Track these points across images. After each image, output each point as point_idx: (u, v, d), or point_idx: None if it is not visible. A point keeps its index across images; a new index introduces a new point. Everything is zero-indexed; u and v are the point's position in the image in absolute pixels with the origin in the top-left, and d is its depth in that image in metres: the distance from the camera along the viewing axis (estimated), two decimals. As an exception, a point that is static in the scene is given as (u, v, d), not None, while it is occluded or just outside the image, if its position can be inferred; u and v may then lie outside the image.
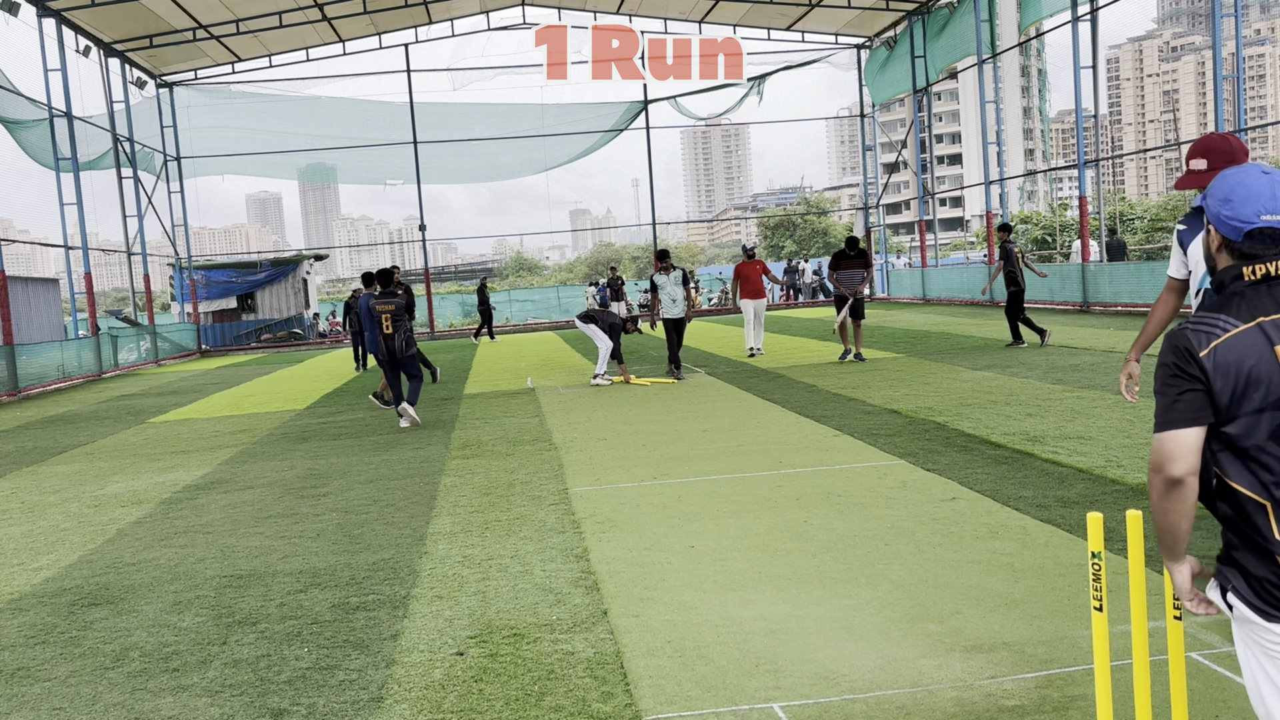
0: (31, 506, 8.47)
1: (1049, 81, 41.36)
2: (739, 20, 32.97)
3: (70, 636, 4.89)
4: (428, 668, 4.16)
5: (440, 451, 9.53)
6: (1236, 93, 18.91)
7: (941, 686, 3.64)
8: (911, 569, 4.98)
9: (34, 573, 6.19)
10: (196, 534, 6.91)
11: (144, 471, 9.78)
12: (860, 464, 7.62)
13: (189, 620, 5.00)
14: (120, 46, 28.06)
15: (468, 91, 33.51)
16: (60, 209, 24.07)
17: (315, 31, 30.82)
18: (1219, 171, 3.02)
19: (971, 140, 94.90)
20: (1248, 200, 2.20)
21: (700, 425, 10.03)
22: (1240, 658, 2.26)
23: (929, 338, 18.19)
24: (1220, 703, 3.36)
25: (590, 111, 34.62)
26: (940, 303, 30.25)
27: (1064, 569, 4.81)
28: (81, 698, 4.11)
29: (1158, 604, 4.10)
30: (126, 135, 28.59)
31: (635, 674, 3.93)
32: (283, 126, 32.77)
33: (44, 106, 23.84)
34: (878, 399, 10.89)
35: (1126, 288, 21.48)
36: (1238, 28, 18.76)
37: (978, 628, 4.16)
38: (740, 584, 4.94)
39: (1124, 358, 6.88)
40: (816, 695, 3.64)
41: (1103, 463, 6.96)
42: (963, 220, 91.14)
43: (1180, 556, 2.29)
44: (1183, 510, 2.19)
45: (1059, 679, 3.63)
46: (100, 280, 37.52)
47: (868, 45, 34.54)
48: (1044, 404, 9.69)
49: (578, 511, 6.70)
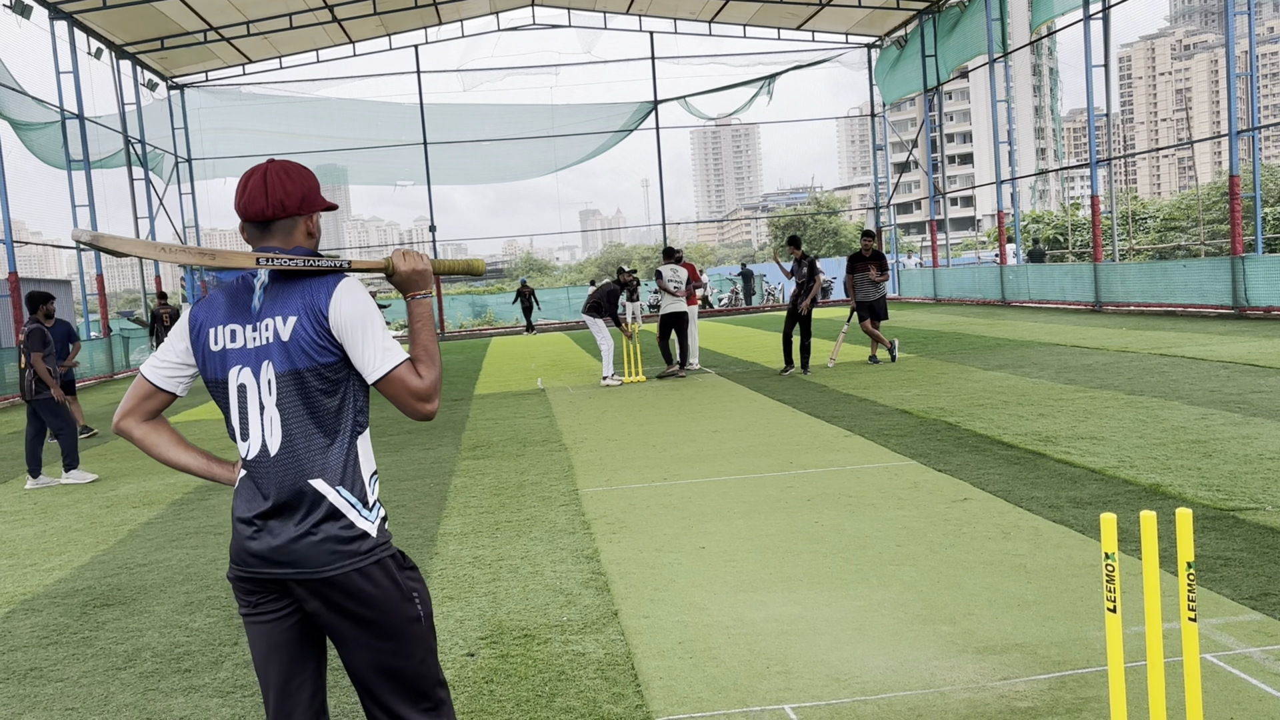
0: (44, 507, 8.51)
1: (1060, 80, 41.09)
2: (749, 20, 32.93)
3: (82, 637, 4.91)
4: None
5: (450, 452, 9.53)
6: (1250, 91, 18.81)
7: (954, 688, 3.62)
8: (923, 570, 4.96)
9: (46, 573, 6.22)
10: (208, 534, 6.92)
11: (154, 472, 9.80)
12: (871, 465, 7.60)
13: (201, 621, 5.01)
14: (131, 49, 28.17)
15: (477, 92, 33.59)
16: (72, 210, 24.18)
17: (325, 33, 30.89)
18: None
19: (983, 139, 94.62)
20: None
21: (710, 426, 10.02)
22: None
23: (940, 338, 18.13)
24: (1235, 705, 3.33)
25: (600, 112, 34.63)
26: (951, 302, 30.17)
27: (1077, 570, 4.78)
28: (94, 698, 4.12)
29: (1171, 605, 4.08)
30: (138, 137, 28.72)
31: (646, 675, 3.92)
32: (293, 128, 32.87)
33: (56, 109, 23.96)
34: (889, 399, 10.86)
35: (1139, 287, 21.39)
36: (1251, 25, 18.65)
37: (990, 629, 4.14)
38: (751, 585, 4.92)
39: (1140, 356, 6.84)
40: (828, 697, 3.62)
41: (1115, 463, 6.93)
42: (974, 220, 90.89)
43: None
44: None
45: (1072, 680, 3.61)
46: (112, 282, 37.69)
47: (878, 44, 34.46)
48: (1056, 404, 9.65)
49: (588, 512, 6.70)
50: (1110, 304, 22.26)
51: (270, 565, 2.28)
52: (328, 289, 2.29)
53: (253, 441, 2.32)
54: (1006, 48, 27.69)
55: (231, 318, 2.34)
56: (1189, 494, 5.96)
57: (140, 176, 28.95)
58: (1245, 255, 18.72)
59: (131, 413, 2.42)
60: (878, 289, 14.48)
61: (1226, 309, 18.69)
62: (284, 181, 2.36)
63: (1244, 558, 4.75)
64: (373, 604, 2.28)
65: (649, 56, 33.92)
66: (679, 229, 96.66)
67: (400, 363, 2.28)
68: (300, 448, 2.28)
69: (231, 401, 2.34)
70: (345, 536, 2.26)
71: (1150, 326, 17.41)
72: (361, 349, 2.27)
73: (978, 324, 20.96)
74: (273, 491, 2.28)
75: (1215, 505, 5.67)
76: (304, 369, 2.27)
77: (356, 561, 2.26)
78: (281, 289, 2.32)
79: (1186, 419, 8.38)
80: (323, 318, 2.27)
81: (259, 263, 2.28)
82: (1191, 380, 10.56)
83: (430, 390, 2.30)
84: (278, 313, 2.29)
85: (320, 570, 2.25)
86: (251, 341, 2.31)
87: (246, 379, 2.31)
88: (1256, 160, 19.42)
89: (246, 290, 2.36)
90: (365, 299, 2.29)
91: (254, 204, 2.36)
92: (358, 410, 2.35)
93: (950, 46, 29.98)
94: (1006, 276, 27.37)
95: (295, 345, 2.26)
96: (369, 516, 2.31)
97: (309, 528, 2.26)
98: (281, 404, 2.28)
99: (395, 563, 2.34)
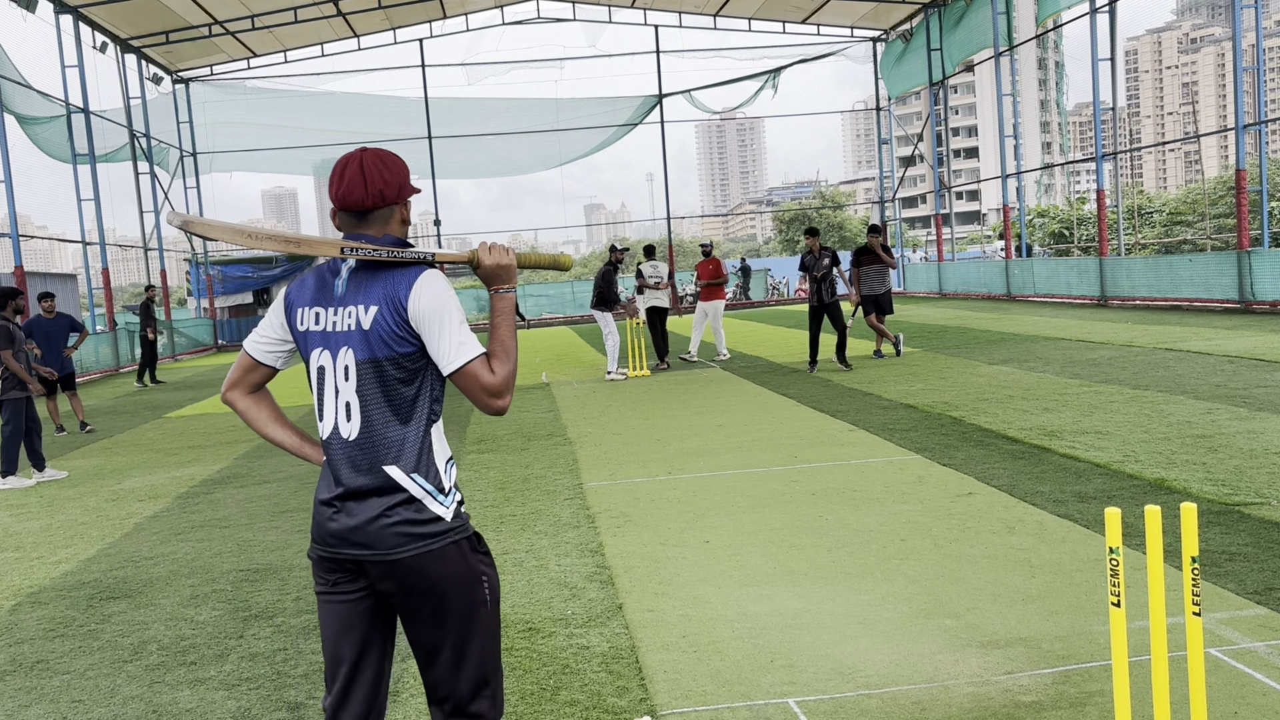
0: (50, 501, 8.53)
1: (1066, 74, 41.13)
2: (754, 13, 32.86)
3: (89, 630, 4.93)
4: (443, 662, 4.16)
5: (455, 446, 9.54)
6: (1257, 85, 18.75)
7: (958, 682, 3.62)
8: (927, 564, 4.96)
9: (53, 566, 6.24)
10: (213, 528, 6.94)
11: (161, 466, 9.83)
12: (876, 459, 7.60)
13: (206, 614, 5.03)
14: (137, 43, 28.19)
15: (482, 86, 33.63)
16: (78, 204, 24.22)
17: (330, 27, 30.88)
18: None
19: (988, 133, 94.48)
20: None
21: (715, 420, 10.02)
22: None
23: (945, 332, 18.11)
24: (1239, 699, 3.33)
25: (604, 106, 34.59)
26: (957, 297, 30.13)
27: (1081, 564, 4.78)
28: (100, 690, 4.14)
29: (1176, 600, 4.08)
30: (143, 131, 28.75)
31: (650, 669, 3.93)
32: (298, 122, 32.86)
33: (61, 103, 23.97)
34: (894, 394, 10.85)
35: (1144, 282, 21.34)
36: (1258, 18, 18.58)
37: (994, 623, 4.14)
38: (755, 579, 4.93)
39: (1143, 351, 6.83)
40: (832, 690, 3.62)
41: (1120, 457, 6.92)
42: (979, 214, 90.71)
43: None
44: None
45: (1076, 675, 3.61)
46: (118, 275, 37.73)
47: (884, 38, 34.38)
48: (1061, 399, 9.64)
49: (592, 506, 6.71)
50: (1116, 298, 22.21)
51: (346, 546, 2.34)
52: (409, 281, 2.33)
53: (326, 422, 2.40)
54: (1012, 41, 27.61)
55: (317, 300, 2.40)
56: (1194, 489, 5.95)
57: (145, 171, 28.99)
58: (1251, 249, 18.67)
59: (236, 385, 2.52)
60: (883, 283, 14.41)
61: (1232, 303, 18.64)
62: (381, 171, 2.40)
63: (1249, 552, 4.75)
64: (441, 586, 2.34)
65: (654, 50, 33.87)
66: (684, 223, 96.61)
67: (475, 357, 2.31)
68: (377, 434, 2.34)
69: (312, 381, 2.42)
70: (419, 520, 2.32)
71: (1156, 321, 17.37)
72: (438, 341, 2.31)
73: (983, 318, 20.93)
74: (350, 475, 2.34)
75: (1220, 500, 5.67)
76: (383, 358, 2.32)
77: (429, 544, 2.32)
78: (365, 277, 2.37)
79: (1192, 414, 8.37)
80: (402, 309, 2.31)
81: (344, 252, 2.33)
82: (1197, 375, 10.54)
83: (502, 386, 2.33)
84: (360, 301, 2.34)
85: (392, 552, 2.31)
86: (333, 326, 2.37)
87: (325, 361, 2.38)
88: (1263, 154, 19.36)
89: (333, 274, 2.42)
90: (445, 292, 2.33)
91: (352, 194, 2.39)
92: (434, 399, 2.41)
93: (956, 40, 29.90)
94: (1012, 271, 27.33)
95: (375, 335, 2.31)
96: (444, 501, 2.36)
97: (383, 511, 2.32)
98: (361, 391, 2.34)
99: (469, 545, 2.41)
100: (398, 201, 2.44)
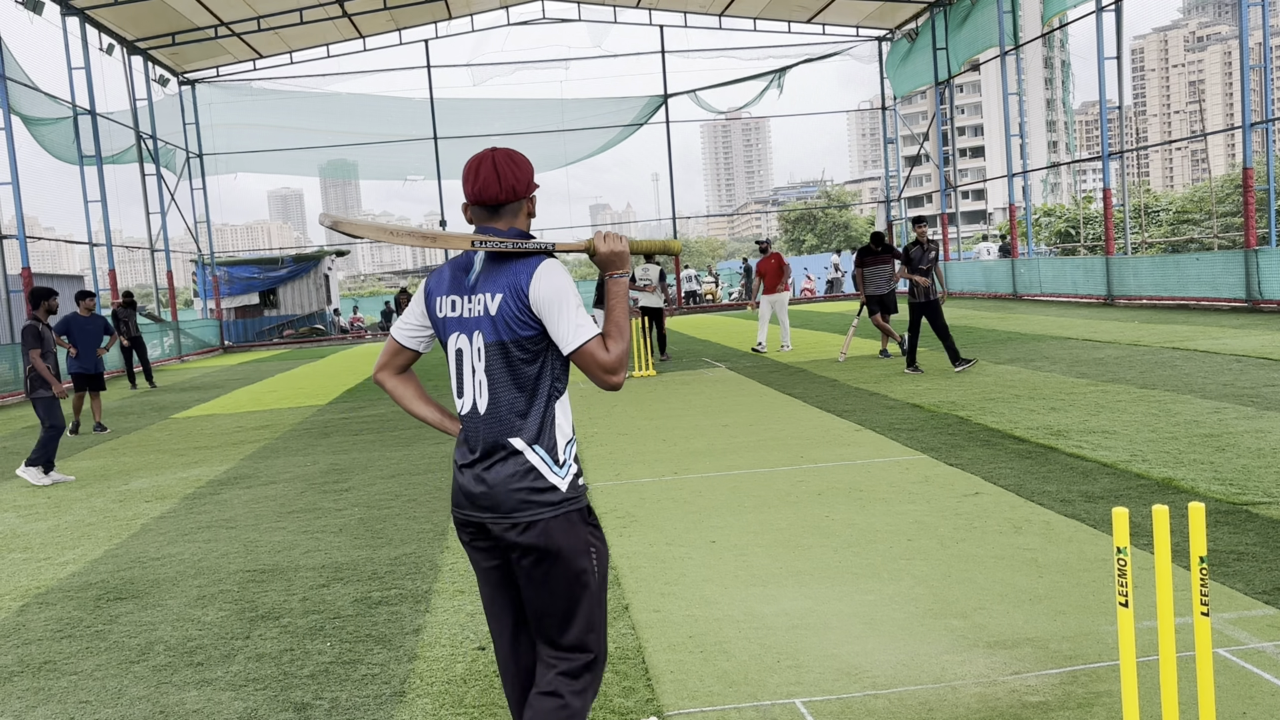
0: (57, 501, 8.55)
1: (1072, 73, 40.76)
2: (759, 13, 32.86)
3: (96, 630, 4.94)
4: (450, 662, 4.17)
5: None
6: (1264, 83, 18.71)
7: (965, 682, 3.61)
8: (934, 564, 4.95)
9: (60, 567, 6.25)
10: (220, 529, 6.95)
11: (168, 467, 9.85)
12: (882, 459, 7.59)
13: (213, 615, 5.04)
14: (143, 44, 28.26)
15: (487, 87, 33.60)
16: (84, 206, 24.29)
17: (336, 28, 30.93)
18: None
19: (994, 133, 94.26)
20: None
21: (721, 420, 10.01)
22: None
23: (952, 332, 18.04)
24: (1247, 699, 3.32)
25: (610, 106, 34.60)
26: (963, 296, 30.08)
27: (1088, 564, 4.77)
28: (107, 691, 4.15)
29: (1184, 600, 4.06)
30: (149, 133, 28.81)
31: (657, 669, 3.92)
32: (304, 123, 32.91)
33: (68, 105, 24.04)
34: (900, 393, 10.84)
35: (1151, 280, 21.29)
36: (1265, 17, 18.52)
37: (1001, 623, 4.13)
38: (762, 579, 4.92)
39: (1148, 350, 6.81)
40: (839, 691, 3.62)
41: (1127, 457, 6.90)
42: (985, 213, 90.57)
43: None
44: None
45: (1084, 675, 3.60)
46: (124, 277, 37.85)
47: (889, 37, 34.34)
48: (1068, 398, 9.62)
49: (598, 506, 6.70)
50: (1122, 297, 22.16)
51: (475, 509, 2.62)
52: (529, 270, 2.56)
53: (465, 399, 2.66)
54: (1018, 40, 27.56)
55: (453, 290, 2.67)
56: (1202, 488, 5.93)
57: (152, 172, 29.06)
58: (1259, 248, 18.62)
59: (385, 367, 2.83)
60: (889, 283, 14.38)
61: (1240, 302, 18.58)
62: (513, 169, 2.65)
63: (1257, 552, 4.73)
64: (551, 551, 2.58)
65: (659, 50, 33.87)
66: (689, 223, 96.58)
67: (591, 338, 2.52)
68: (504, 408, 2.59)
69: (451, 363, 2.68)
70: (537, 488, 2.57)
71: (1163, 320, 17.33)
72: (557, 324, 2.54)
73: (989, 318, 20.90)
74: (480, 445, 2.62)
75: (1228, 499, 5.65)
76: (508, 340, 2.57)
77: (544, 511, 2.57)
78: (494, 268, 2.61)
79: (1199, 413, 8.34)
80: (524, 296, 2.54)
81: (474, 245, 2.57)
82: (1204, 374, 10.51)
83: (616, 364, 2.54)
84: (488, 289, 2.59)
85: (511, 515, 2.57)
86: (467, 312, 2.63)
87: (463, 344, 2.64)
88: (1270, 152, 19.30)
89: (465, 267, 2.68)
90: (563, 279, 2.55)
91: (487, 190, 2.64)
92: (555, 377, 2.64)
93: (961, 39, 29.85)
94: (1018, 270, 27.28)
95: (501, 319, 2.56)
96: (560, 473, 2.60)
97: (505, 477, 2.58)
98: (489, 370, 2.60)
99: (580, 516, 2.65)
100: (526, 196, 2.68)
